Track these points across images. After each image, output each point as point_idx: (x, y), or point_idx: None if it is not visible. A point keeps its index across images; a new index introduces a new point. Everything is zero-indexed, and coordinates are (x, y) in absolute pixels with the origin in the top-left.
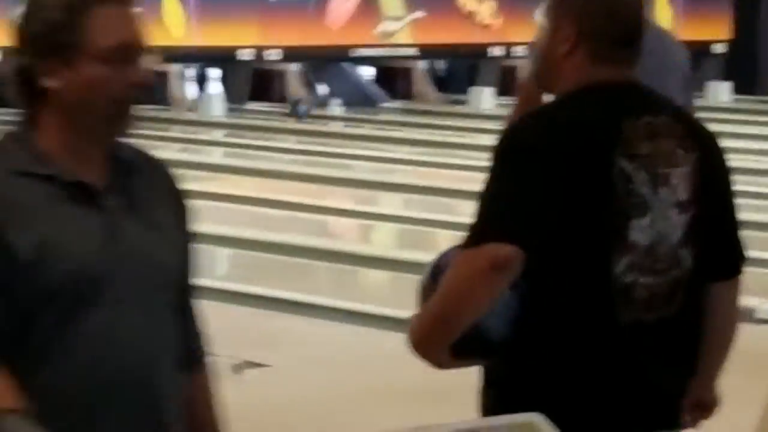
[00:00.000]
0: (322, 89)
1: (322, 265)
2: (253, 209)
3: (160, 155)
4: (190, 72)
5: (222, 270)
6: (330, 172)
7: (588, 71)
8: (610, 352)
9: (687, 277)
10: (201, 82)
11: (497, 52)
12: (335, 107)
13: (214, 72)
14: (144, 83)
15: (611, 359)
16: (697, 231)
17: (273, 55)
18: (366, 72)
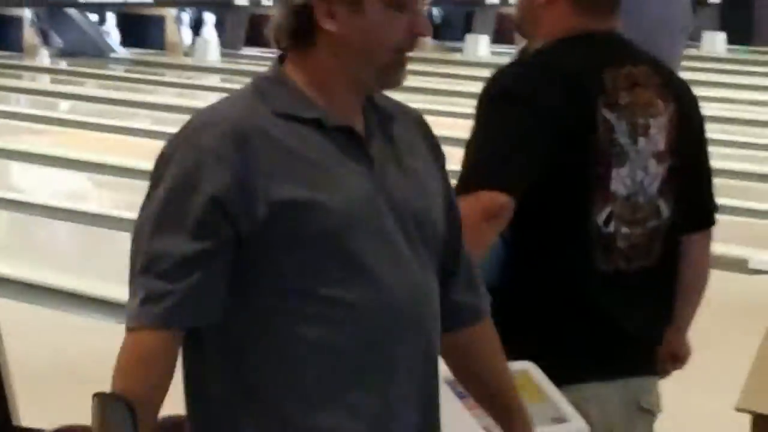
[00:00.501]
0: None
1: None
2: None
3: (156, 100)
4: (185, 16)
5: None
6: None
7: (570, 20)
8: (590, 299)
9: (665, 228)
10: (197, 26)
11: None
12: None
13: (209, 16)
14: (425, 33)
15: (591, 306)
16: (674, 182)
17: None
18: None
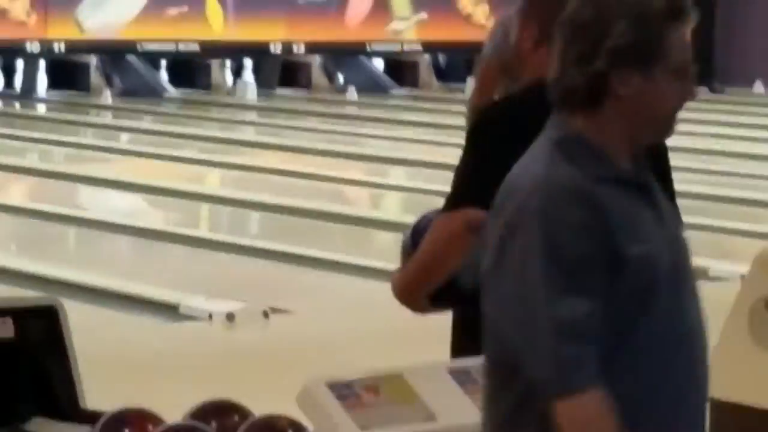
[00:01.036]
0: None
1: (338, 227)
2: (280, 179)
3: (201, 133)
4: (228, 62)
5: (253, 230)
6: (346, 148)
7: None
8: None
9: None
10: (237, 70)
11: None
12: (351, 93)
13: (248, 62)
14: (694, 98)
15: None
16: None
17: (299, 49)
18: (378, 64)
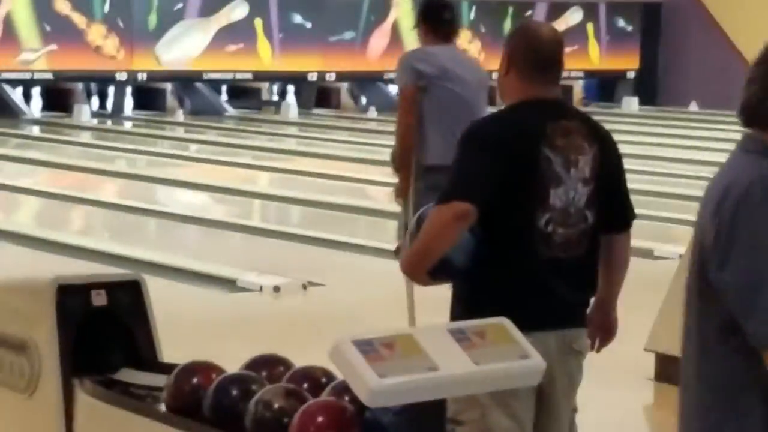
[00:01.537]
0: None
1: (361, 218)
2: (316, 180)
3: (254, 143)
4: (275, 87)
5: (294, 221)
6: (368, 155)
7: (521, 89)
8: (535, 277)
9: (590, 229)
10: (282, 94)
11: None
12: (371, 112)
13: (290, 87)
14: None
15: (537, 282)
16: (596, 198)
17: (331, 77)
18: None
